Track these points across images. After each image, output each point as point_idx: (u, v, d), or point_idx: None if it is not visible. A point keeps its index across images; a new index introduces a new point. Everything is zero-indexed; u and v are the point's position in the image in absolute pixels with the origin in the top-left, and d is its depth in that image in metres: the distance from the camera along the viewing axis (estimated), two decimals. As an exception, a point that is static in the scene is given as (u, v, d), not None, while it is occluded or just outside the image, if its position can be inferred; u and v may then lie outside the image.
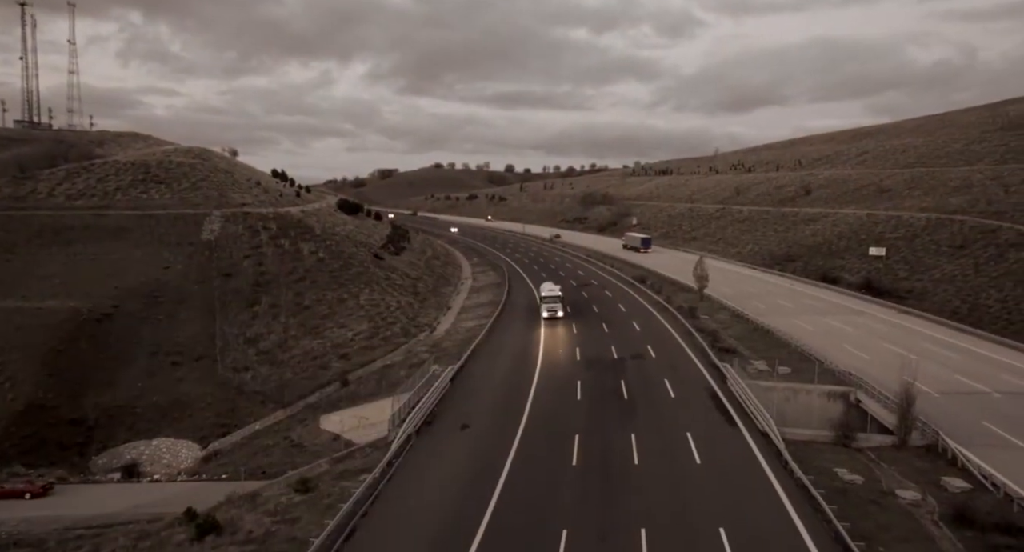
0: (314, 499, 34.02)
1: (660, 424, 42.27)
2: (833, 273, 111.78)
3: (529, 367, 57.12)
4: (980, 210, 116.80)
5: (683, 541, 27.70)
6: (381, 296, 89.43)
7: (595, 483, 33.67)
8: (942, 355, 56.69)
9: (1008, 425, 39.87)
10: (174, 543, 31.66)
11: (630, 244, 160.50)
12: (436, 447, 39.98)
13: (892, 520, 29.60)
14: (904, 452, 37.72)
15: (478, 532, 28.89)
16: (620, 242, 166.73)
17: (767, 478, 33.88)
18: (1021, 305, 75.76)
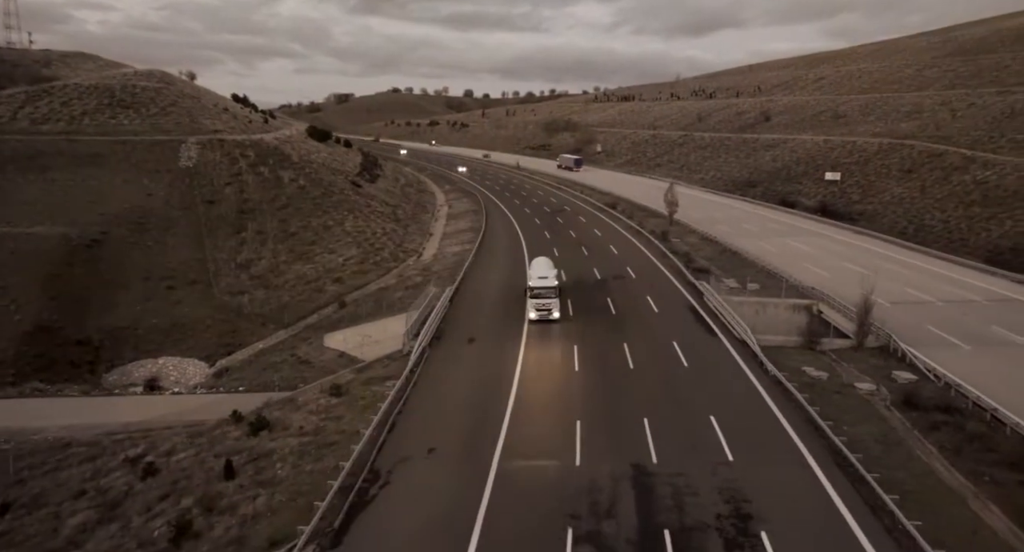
0: (350, 401, 38.12)
1: (648, 334, 47.16)
2: (792, 197, 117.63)
3: (519, 287, 61.23)
4: (928, 135, 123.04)
5: (681, 427, 32.72)
6: (366, 223, 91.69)
7: (598, 384, 38.43)
8: (892, 270, 62.66)
9: (947, 328, 45.91)
10: (232, 438, 35.53)
11: (564, 164, 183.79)
12: (449, 357, 44.21)
13: (852, 406, 35.15)
14: (861, 352, 43.45)
15: (503, 424, 33.37)
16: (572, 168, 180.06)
17: (746, 376, 39.16)
18: (962, 225, 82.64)
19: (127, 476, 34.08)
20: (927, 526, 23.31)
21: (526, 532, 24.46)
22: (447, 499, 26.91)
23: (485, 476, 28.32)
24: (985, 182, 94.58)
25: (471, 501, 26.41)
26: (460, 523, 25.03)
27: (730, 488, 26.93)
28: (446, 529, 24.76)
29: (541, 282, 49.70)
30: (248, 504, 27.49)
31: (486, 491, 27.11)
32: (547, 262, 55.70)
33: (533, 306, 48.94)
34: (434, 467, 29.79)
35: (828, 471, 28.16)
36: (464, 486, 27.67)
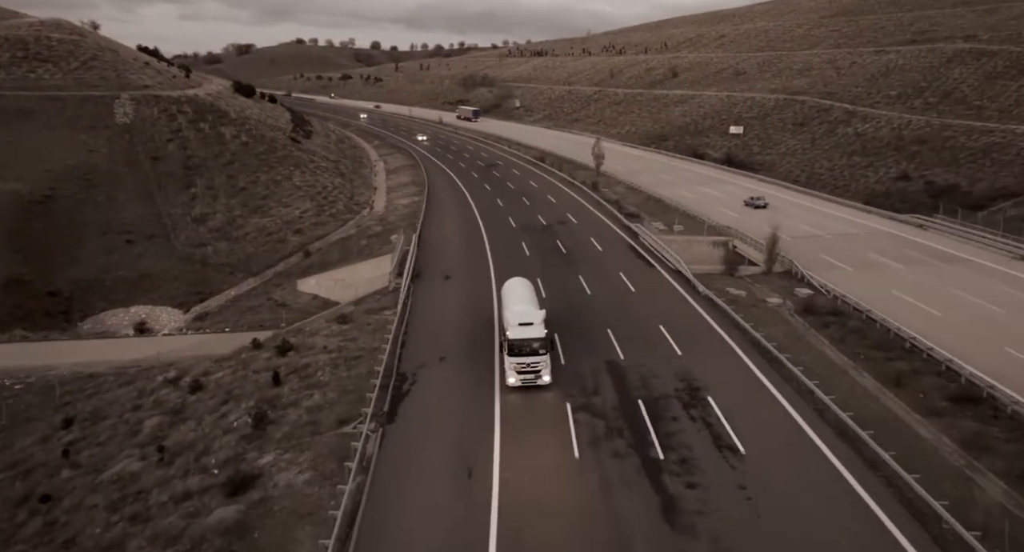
0: (358, 327, 44.56)
1: (597, 268, 55.50)
2: (701, 149, 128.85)
3: (476, 233, 68.31)
4: (817, 91, 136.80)
5: (637, 334, 41.11)
6: (314, 178, 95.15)
7: (564, 306, 46.36)
8: (790, 211, 73.58)
9: (835, 255, 56.63)
10: (262, 359, 41.38)
11: (463, 115, 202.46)
12: (432, 291, 51.03)
13: (765, 315, 44.70)
14: (769, 277, 53.42)
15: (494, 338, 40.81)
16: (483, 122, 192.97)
17: (683, 296, 48.18)
18: (845, 172, 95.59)
19: (176, 392, 39.51)
20: (822, 386, 32.63)
21: (541, 407, 32.25)
22: (466, 390, 34.24)
23: (492, 376, 35.73)
24: (864, 134, 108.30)
25: (485, 395, 33.70)
26: (482, 407, 32.46)
27: (682, 372, 35.62)
28: (470, 409, 32.11)
29: (524, 331, 32.37)
30: (307, 400, 33.94)
31: (495, 387, 34.51)
32: (526, 291, 38.18)
33: (513, 368, 31.98)
34: (448, 370, 37.00)
35: (751, 357, 37.35)
36: (476, 382, 35.02)
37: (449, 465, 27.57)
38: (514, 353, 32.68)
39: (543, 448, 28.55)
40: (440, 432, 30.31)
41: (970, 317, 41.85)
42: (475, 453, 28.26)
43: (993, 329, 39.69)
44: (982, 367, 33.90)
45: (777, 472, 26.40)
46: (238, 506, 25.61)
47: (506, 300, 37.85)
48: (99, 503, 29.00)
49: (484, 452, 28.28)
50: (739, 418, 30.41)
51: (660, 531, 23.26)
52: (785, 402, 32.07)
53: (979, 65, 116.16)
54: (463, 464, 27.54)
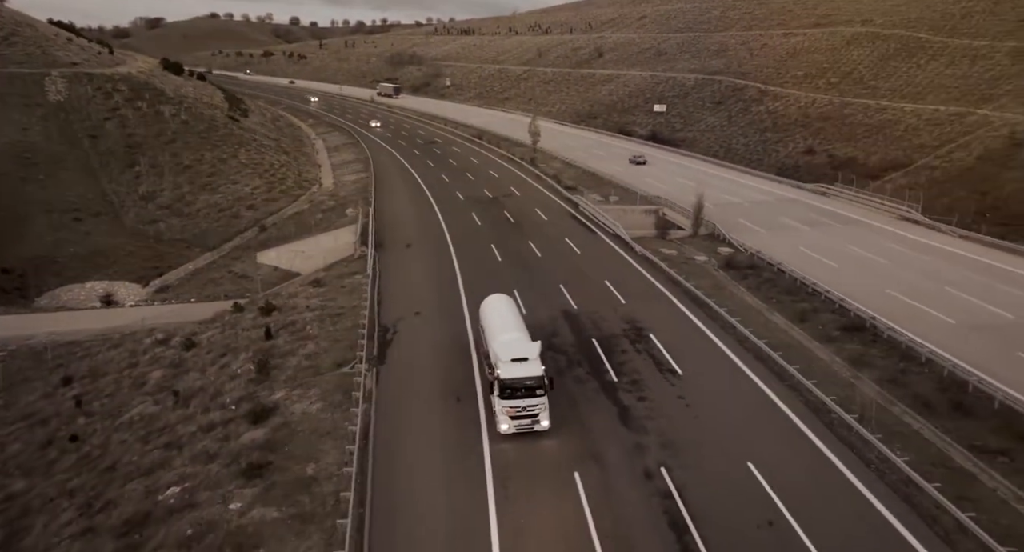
0: (334, 289, 48.67)
1: (544, 235, 61.06)
2: (628, 127, 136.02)
3: (427, 206, 72.69)
4: (733, 71, 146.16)
5: (586, 288, 46.93)
6: (260, 156, 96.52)
7: (519, 267, 51.76)
8: (712, 182, 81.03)
9: (752, 220, 64.07)
10: (248, 319, 45.07)
11: (383, 92, 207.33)
12: (396, 257, 55.43)
13: (693, 270, 51.37)
14: (696, 239, 60.31)
15: (461, 295, 45.83)
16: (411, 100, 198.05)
17: (623, 256, 54.38)
18: (759, 147, 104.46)
19: (170, 350, 42.84)
20: (742, 322, 39.28)
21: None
22: (441, 337, 39.24)
23: (464, 325, 40.87)
24: (775, 112, 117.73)
25: (461, 338, 38.95)
26: (458, 344, 37.63)
27: (627, 317, 41.68)
28: (452, 352, 37.20)
29: (519, 369, 27.44)
30: (302, 349, 38.17)
31: (469, 333, 39.68)
32: (511, 314, 32.87)
33: (506, 412, 27.18)
34: (424, 322, 41.85)
35: (684, 303, 43.80)
36: (451, 330, 40.09)
37: (439, 393, 32.65)
38: (507, 395, 26.84)
39: (518, 376, 33.99)
40: (427, 370, 35.29)
41: (860, 267, 49.68)
42: (460, 386, 33.42)
43: (877, 276, 47.52)
44: (867, 304, 41.33)
45: (708, 386, 32.75)
46: (264, 430, 30.01)
47: (489, 325, 31.74)
48: (127, 439, 32.65)
49: (468, 385, 33.48)
50: (676, 349, 36.69)
51: (618, 431, 29.14)
52: (712, 336, 38.59)
53: (874, 47, 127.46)
54: (452, 392, 32.69)
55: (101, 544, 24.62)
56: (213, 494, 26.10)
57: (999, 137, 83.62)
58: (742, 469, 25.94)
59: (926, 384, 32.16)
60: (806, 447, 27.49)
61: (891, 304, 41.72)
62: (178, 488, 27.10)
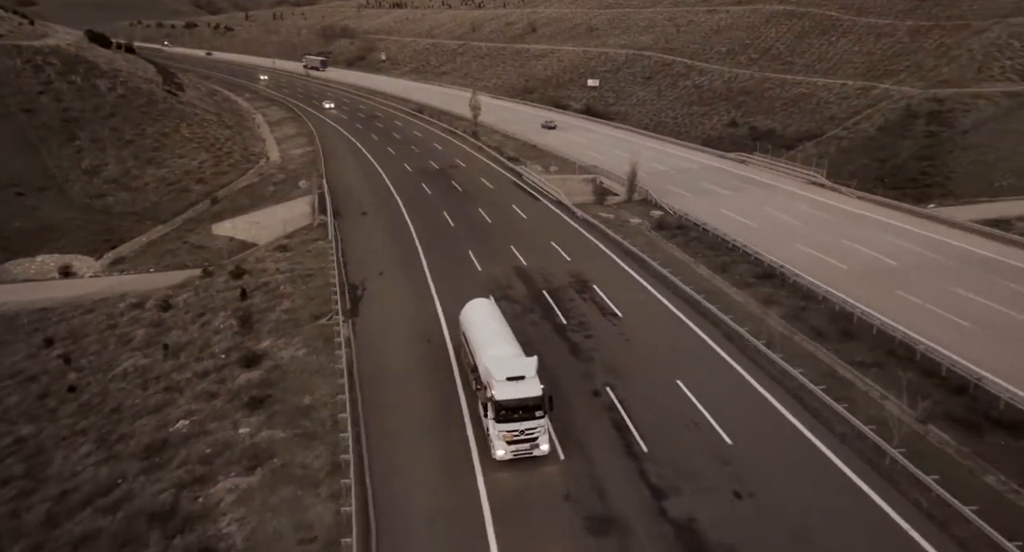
0: (299, 254, 51.95)
1: (492, 202, 65.44)
2: (563, 101, 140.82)
3: (377, 177, 75.89)
4: (661, 47, 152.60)
5: (534, 248, 51.68)
6: (203, 130, 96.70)
7: (471, 231, 56.14)
8: (644, 153, 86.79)
9: (679, 186, 70.09)
10: (220, 282, 48.02)
11: (310, 64, 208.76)
12: (354, 224, 58.88)
13: (629, 231, 56.83)
14: (630, 204, 65.87)
15: (420, 256, 50.01)
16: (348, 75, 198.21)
17: (566, 220, 59.39)
18: (686, 120, 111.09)
19: (147, 312, 45.52)
20: (672, 272, 44.89)
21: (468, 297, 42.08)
22: (407, 292, 43.47)
23: (426, 282, 45.14)
24: (701, 86, 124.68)
25: (424, 292, 43.26)
26: (422, 297, 41.96)
27: (572, 271, 46.73)
28: (419, 306, 41.50)
29: (516, 389, 25.18)
30: (279, 305, 41.70)
31: (432, 288, 44.00)
32: (498, 323, 31.00)
33: (502, 437, 24.99)
34: (389, 280, 45.88)
35: (622, 259, 49.17)
36: (415, 286, 44.34)
37: (411, 337, 37.03)
38: (503, 419, 24.64)
39: (480, 321, 38.59)
40: (397, 320, 39.53)
41: (773, 225, 56.15)
42: (429, 331, 37.82)
43: (788, 233, 54.02)
44: (777, 256, 47.54)
45: (643, 324, 38.19)
46: (258, 372, 33.76)
47: (474, 336, 29.55)
48: (125, 387, 35.76)
49: (435, 326, 37.93)
50: (616, 296, 41.99)
51: (570, 361, 34.22)
52: (647, 284, 44.08)
53: (791, 25, 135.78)
54: (422, 336, 37.11)
55: (127, 465, 28.13)
56: (221, 423, 29.88)
57: (897, 109, 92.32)
58: (672, 385, 31.39)
59: (821, 317, 38.44)
60: (724, 367, 33.21)
61: (797, 255, 48.10)
62: (187, 421, 30.70)
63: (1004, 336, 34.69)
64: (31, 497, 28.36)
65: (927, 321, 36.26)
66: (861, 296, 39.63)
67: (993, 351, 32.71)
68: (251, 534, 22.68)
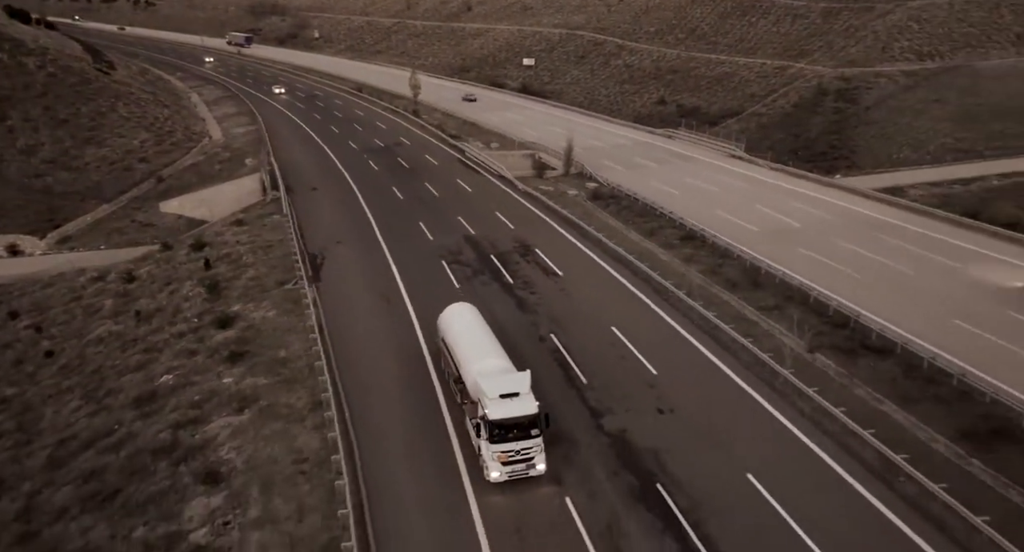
0: (257, 227, 54.43)
1: (437, 177, 68.87)
2: (500, 80, 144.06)
3: (324, 155, 78.11)
4: (593, 27, 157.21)
5: (481, 218, 55.60)
6: (141, 109, 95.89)
7: (420, 204, 59.60)
8: (579, 129, 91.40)
9: (612, 160, 75.03)
10: (182, 255, 50.22)
11: (234, 41, 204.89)
12: (306, 199, 61.43)
13: (567, 201, 61.34)
14: (567, 177, 70.41)
15: (374, 228, 53.33)
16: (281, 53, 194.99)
17: (508, 193, 63.46)
18: (619, 98, 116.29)
19: (110, 285, 47.45)
20: (606, 237, 49.65)
21: (421, 262, 45.92)
22: (364, 259, 46.89)
23: (381, 250, 48.63)
24: (632, 65, 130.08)
25: (381, 259, 46.80)
26: (379, 263, 45.50)
27: (516, 237, 50.94)
28: (376, 270, 45.03)
29: (510, 407, 23.92)
30: (244, 274, 44.48)
31: (387, 255, 47.55)
32: (484, 332, 29.58)
33: (496, 458, 23.75)
34: (347, 248, 49.09)
35: (561, 226, 53.65)
36: (371, 254, 47.78)
37: (372, 297, 40.64)
38: (498, 439, 23.51)
39: (434, 284, 42.46)
40: (357, 283, 43.01)
41: (696, 193, 61.65)
42: (388, 289, 41.49)
43: (709, 200, 59.56)
44: (699, 221, 52.85)
45: (580, 281, 42.79)
46: (233, 331, 36.81)
47: (457, 346, 28.10)
48: (103, 350, 38.21)
49: (393, 288, 41.63)
50: (556, 258, 46.46)
51: (516, 314, 38.51)
52: (584, 248, 48.71)
53: (715, 6, 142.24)
54: (382, 295, 40.78)
55: (121, 414, 31.04)
56: (205, 375, 33.00)
57: (810, 87, 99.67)
58: (607, 331, 36.08)
59: (734, 271, 43.85)
60: (651, 314, 38.13)
61: (716, 220, 53.57)
62: (171, 376, 33.66)
63: (881, 282, 40.80)
64: (29, 446, 30.97)
65: (820, 272, 42.10)
66: (769, 253, 45.23)
67: (871, 294, 38.69)
68: (249, 458, 26.23)
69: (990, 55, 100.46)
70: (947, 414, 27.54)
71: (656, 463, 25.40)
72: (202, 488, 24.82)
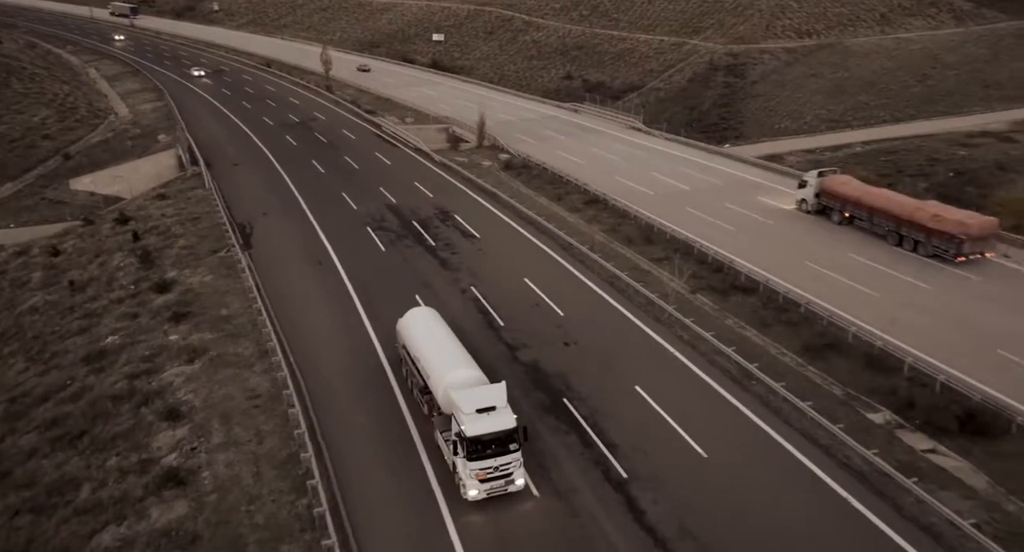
0: (180, 200, 55.92)
1: (357, 151, 71.44)
2: (410, 55, 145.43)
3: (239, 130, 78.89)
4: (501, 2, 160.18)
5: (401, 188, 58.98)
6: (38, 85, 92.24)
7: (341, 177, 62.32)
8: (490, 104, 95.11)
9: (522, 133, 79.45)
10: (107, 228, 51.33)
11: (117, 11, 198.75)
12: (228, 174, 62.96)
13: (482, 172, 65.44)
14: (481, 149, 74.40)
15: (299, 199, 55.90)
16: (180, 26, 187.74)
17: (426, 164, 66.94)
18: (527, 73, 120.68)
19: (36, 258, 48.25)
20: (518, 202, 54.19)
21: (348, 229, 49.13)
22: (292, 228, 49.66)
23: (308, 219, 51.43)
24: (539, 41, 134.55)
25: (308, 227, 49.70)
26: (307, 231, 48.46)
27: (436, 205, 54.75)
28: (304, 238, 47.96)
29: (488, 423, 23.05)
30: (175, 243, 46.47)
31: (314, 223, 50.44)
32: (448, 338, 28.29)
33: (474, 475, 22.75)
34: (273, 220, 51.58)
35: (476, 193, 57.80)
36: (298, 223, 50.56)
37: (303, 261, 43.75)
38: (476, 456, 22.69)
39: (361, 248, 45.88)
40: (287, 250, 45.92)
41: (599, 163, 67.05)
42: (319, 254, 44.67)
43: (610, 168, 65.05)
44: (602, 187, 58.19)
45: (496, 242, 47.24)
46: (173, 295, 39.24)
47: (423, 355, 27.09)
48: (39, 319, 39.76)
49: (323, 252, 44.86)
50: (473, 222, 50.68)
51: (440, 271, 42.60)
52: (498, 213, 53.13)
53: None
54: (313, 258, 43.96)
55: (73, 371, 33.31)
56: (151, 334, 35.55)
57: (703, 63, 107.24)
58: (520, 282, 40.73)
59: (632, 229, 49.42)
60: (558, 267, 43.06)
61: (617, 185, 59.08)
62: (116, 337, 35.98)
63: (751, 234, 47.30)
64: (-19, 406, 32.81)
65: (703, 227, 48.19)
66: (661, 213, 51.01)
67: (741, 244, 45.04)
68: (206, 398, 29.42)
69: (858, 33, 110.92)
70: (794, 334, 33.84)
71: (563, 383, 30.35)
72: (166, 424, 27.92)
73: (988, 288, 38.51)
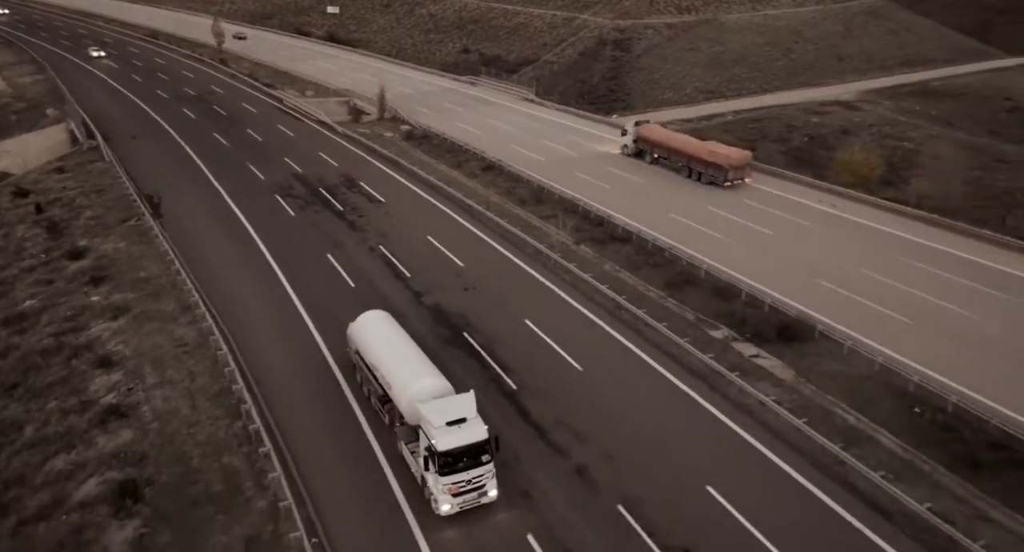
0: (81, 174, 56.14)
1: (259, 124, 72.53)
2: (305, 28, 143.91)
3: (133, 103, 77.96)
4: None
5: (307, 160, 61.24)
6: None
7: (245, 150, 63.75)
8: (389, 77, 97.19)
9: (422, 105, 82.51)
10: (4, 202, 51.26)
11: None
12: (128, 147, 63.06)
13: (384, 142, 68.35)
14: (382, 121, 77.04)
15: (206, 172, 57.31)
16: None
17: (329, 136, 69.15)
18: (424, 47, 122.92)
19: (-65, 236, 47.81)
20: (420, 169, 57.78)
21: (257, 197, 51.40)
22: (201, 197, 51.45)
23: (215, 188, 53.21)
24: (436, 15, 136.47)
25: (216, 196, 51.61)
26: (217, 201, 50.46)
27: (342, 173, 57.56)
28: (212, 206, 49.95)
29: (459, 435, 22.61)
30: (82, 214, 47.40)
31: (222, 192, 52.34)
32: (413, 350, 27.17)
33: (447, 490, 22.39)
34: (180, 189, 53.04)
35: (381, 162, 60.90)
36: (204, 191, 52.35)
37: (214, 227, 45.99)
38: (448, 471, 22.28)
39: (271, 214, 48.43)
40: (197, 216, 47.90)
41: (495, 132, 71.37)
42: (229, 220, 46.96)
43: (506, 138, 69.49)
44: (497, 154, 62.49)
45: (400, 205, 50.90)
46: (87, 261, 40.79)
47: (384, 363, 26.14)
48: (-48, 291, 40.33)
49: (234, 218, 47.19)
50: (379, 188, 54.02)
51: (349, 233, 45.95)
52: (401, 179, 56.66)
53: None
54: (223, 223, 46.26)
55: (-5, 335, 34.81)
56: (71, 297, 37.32)
57: (592, 37, 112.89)
58: (424, 240, 44.69)
59: (524, 191, 54.21)
60: (458, 226, 47.29)
61: (510, 152, 63.63)
62: (34, 301, 37.49)
63: (627, 193, 53.18)
64: (-98, 372, 33.84)
65: (587, 188, 53.64)
66: (551, 176, 56.07)
67: (619, 201, 50.74)
68: (136, 348, 32.02)
69: (732, 9, 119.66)
70: (659, 274, 39.74)
71: (462, 320, 34.85)
72: (100, 371, 30.43)
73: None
